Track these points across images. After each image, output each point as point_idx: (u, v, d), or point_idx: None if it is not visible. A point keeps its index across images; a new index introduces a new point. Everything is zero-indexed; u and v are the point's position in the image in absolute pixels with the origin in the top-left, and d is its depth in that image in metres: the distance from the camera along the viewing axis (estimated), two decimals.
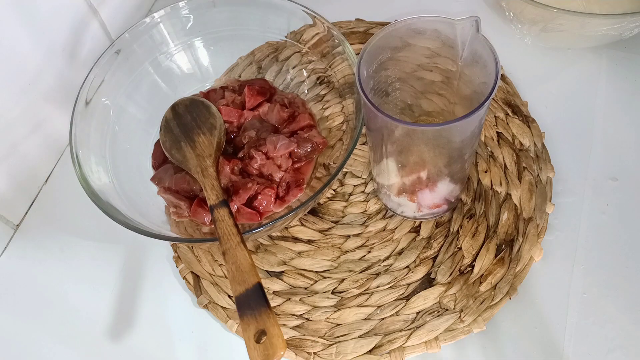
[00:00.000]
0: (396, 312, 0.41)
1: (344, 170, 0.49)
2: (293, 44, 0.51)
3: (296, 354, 0.40)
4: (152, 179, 0.47)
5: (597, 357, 0.38)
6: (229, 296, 0.43)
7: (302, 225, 0.46)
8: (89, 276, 0.46)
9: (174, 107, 0.48)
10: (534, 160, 0.47)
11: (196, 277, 0.44)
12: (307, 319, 0.42)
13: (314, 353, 0.40)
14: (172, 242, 0.46)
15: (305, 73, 0.51)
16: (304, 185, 0.45)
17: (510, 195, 0.45)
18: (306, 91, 0.51)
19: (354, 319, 0.41)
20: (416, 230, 0.45)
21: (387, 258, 0.44)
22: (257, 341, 0.31)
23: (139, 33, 0.49)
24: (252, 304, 0.33)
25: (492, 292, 0.41)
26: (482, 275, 0.42)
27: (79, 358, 0.42)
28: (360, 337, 0.40)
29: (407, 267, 0.43)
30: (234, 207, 0.43)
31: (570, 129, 0.50)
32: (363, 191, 0.48)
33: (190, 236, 0.43)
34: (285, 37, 0.51)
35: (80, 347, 0.43)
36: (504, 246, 0.43)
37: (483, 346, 0.40)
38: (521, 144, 0.48)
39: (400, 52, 0.39)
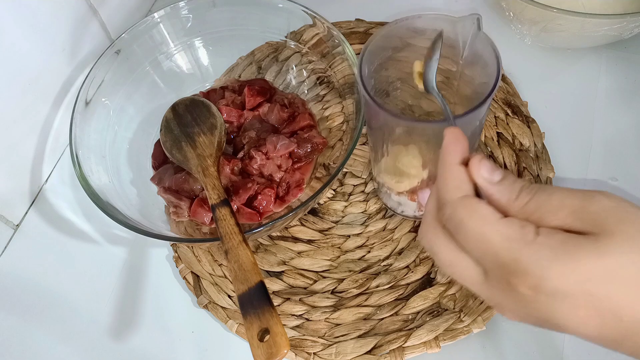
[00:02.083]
0: (396, 312, 0.41)
1: (344, 170, 0.49)
2: (293, 44, 0.51)
3: (296, 354, 0.40)
4: (152, 179, 0.47)
5: (597, 357, 0.38)
6: (229, 296, 0.43)
7: (302, 225, 0.46)
8: (89, 276, 0.46)
9: (174, 107, 0.48)
10: (534, 160, 0.47)
11: (196, 277, 0.44)
12: (307, 319, 0.42)
13: (314, 353, 0.40)
14: (172, 242, 0.46)
15: (305, 73, 0.51)
16: (304, 185, 0.45)
17: None
18: (306, 91, 0.51)
19: (354, 319, 0.41)
20: (416, 229, 0.45)
21: (387, 258, 0.44)
22: (261, 340, 0.31)
23: (139, 33, 0.49)
24: (255, 302, 0.33)
25: None
26: None
27: (79, 358, 0.42)
28: (359, 337, 0.40)
29: (407, 267, 0.43)
30: (233, 207, 0.43)
31: (570, 129, 0.50)
32: (363, 191, 0.48)
33: (190, 236, 0.43)
34: (285, 37, 0.51)
35: (80, 347, 0.43)
36: None
37: (483, 346, 0.40)
38: (521, 144, 0.48)
39: (401, 52, 0.39)
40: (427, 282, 0.42)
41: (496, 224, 0.23)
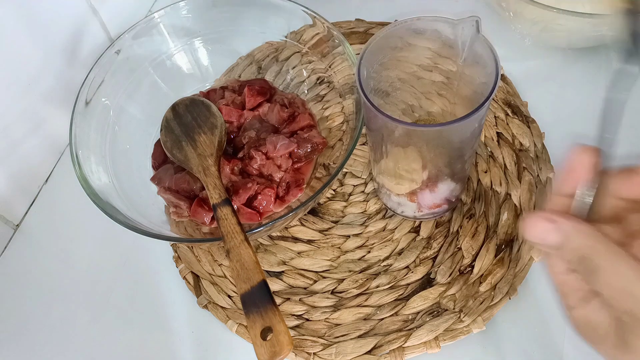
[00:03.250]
0: (396, 312, 0.41)
1: (344, 170, 0.49)
2: (293, 44, 0.51)
3: (296, 354, 0.40)
4: (152, 179, 0.47)
5: (597, 357, 0.38)
6: (229, 296, 0.43)
7: (302, 225, 0.46)
8: (88, 276, 0.46)
9: (174, 107, 0.48)
10: (534, 160, 0.47)
11: (196, 277, 0.44)
12: (307, 319, 0.42)
13: (314, 353, 0.40)
14: (172, 242, 0.46)
15: (305, 73, 0.51)
16: (304, 185, 0.45)
17: (510, 195, 0.45)
18: (306, 91, 0.51)
19: (354, 319, 0.41)
20: (416, 230, 0.45)
21: (387, 258, 0.44)
22: (264, 338, 0.31)
23: (139, 33, 0.49)
24: (257, 301, 0.33)
25: (492, 292, 0.41)
26: (481, 275, 0.42)
27: (79, 358, 0.42)
28: (359, 337, 0.40)
29: (407, 267, 0.43)
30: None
31: (570, 129, 0.50)
32: (363, 191, 0.48)
33: (190, 236, 0.43)
34: (285, 37, 0.51)
35: (80, 347, 0.43)
36: (503, 246, 0.43)
37: (483, 346, 0.40)
38: (521, 144, 0.48)
39: (401, 52, 0.39)
40: (427, 282, 0.42)
41: None
